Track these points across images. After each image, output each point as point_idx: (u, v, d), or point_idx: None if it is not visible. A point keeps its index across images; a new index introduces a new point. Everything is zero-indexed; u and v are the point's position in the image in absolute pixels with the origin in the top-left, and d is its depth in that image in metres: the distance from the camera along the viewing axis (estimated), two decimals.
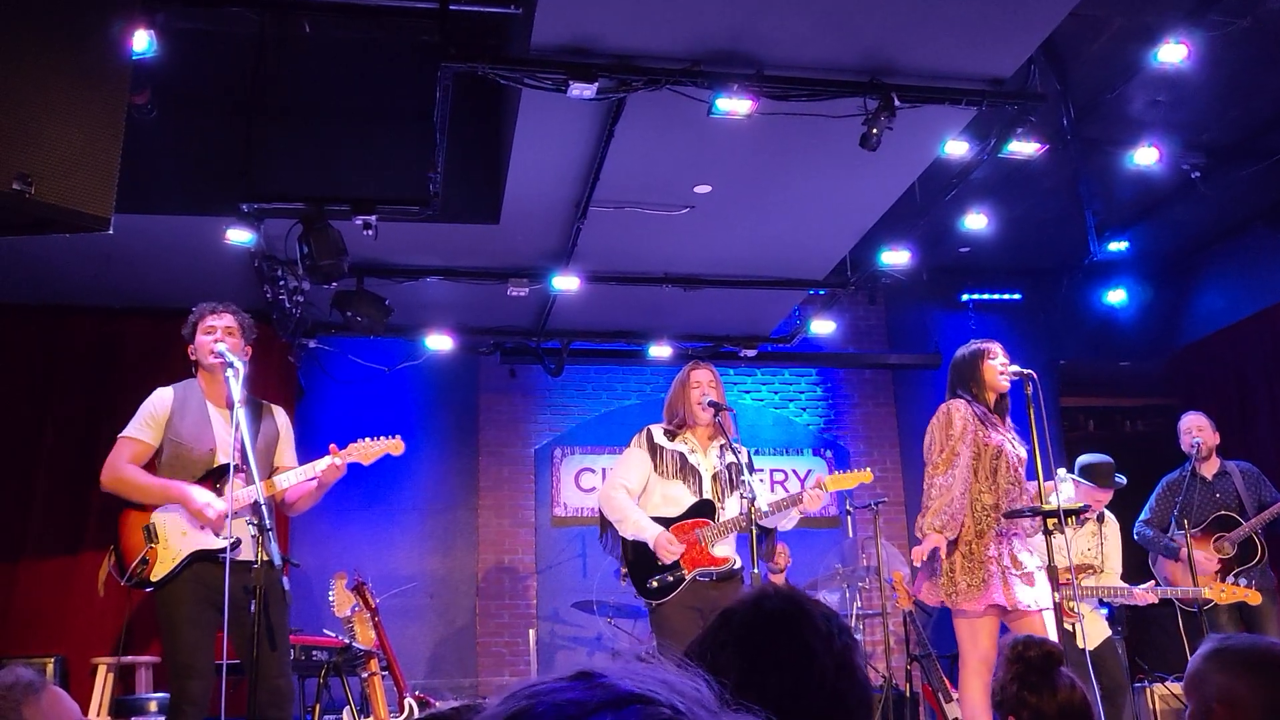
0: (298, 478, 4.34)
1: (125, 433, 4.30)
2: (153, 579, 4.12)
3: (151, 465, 4.34)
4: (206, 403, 4.33)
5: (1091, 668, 4.24)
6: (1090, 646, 5.47)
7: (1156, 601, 5.77)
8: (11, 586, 6.78)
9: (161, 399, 4.34)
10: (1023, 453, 4.70)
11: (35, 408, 7.12)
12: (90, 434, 6.70)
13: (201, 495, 4.14)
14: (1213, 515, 6.10)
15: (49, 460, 7.01)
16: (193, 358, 4.37)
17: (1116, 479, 5.78)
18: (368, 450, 4.49)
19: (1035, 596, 4.50)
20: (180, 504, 4.15)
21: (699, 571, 4.71)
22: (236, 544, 4.03)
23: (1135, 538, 6.34)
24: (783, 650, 1.47)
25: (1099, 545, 5.83)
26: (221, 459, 4.25)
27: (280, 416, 4.53)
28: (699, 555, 4.73)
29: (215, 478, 4.23)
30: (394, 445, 4.55)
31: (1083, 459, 5.87)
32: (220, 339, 4.25)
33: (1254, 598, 5.64)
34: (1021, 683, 2.73)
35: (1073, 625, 5.25)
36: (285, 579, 4.04)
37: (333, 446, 4.39)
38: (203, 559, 4.12)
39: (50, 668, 6.11)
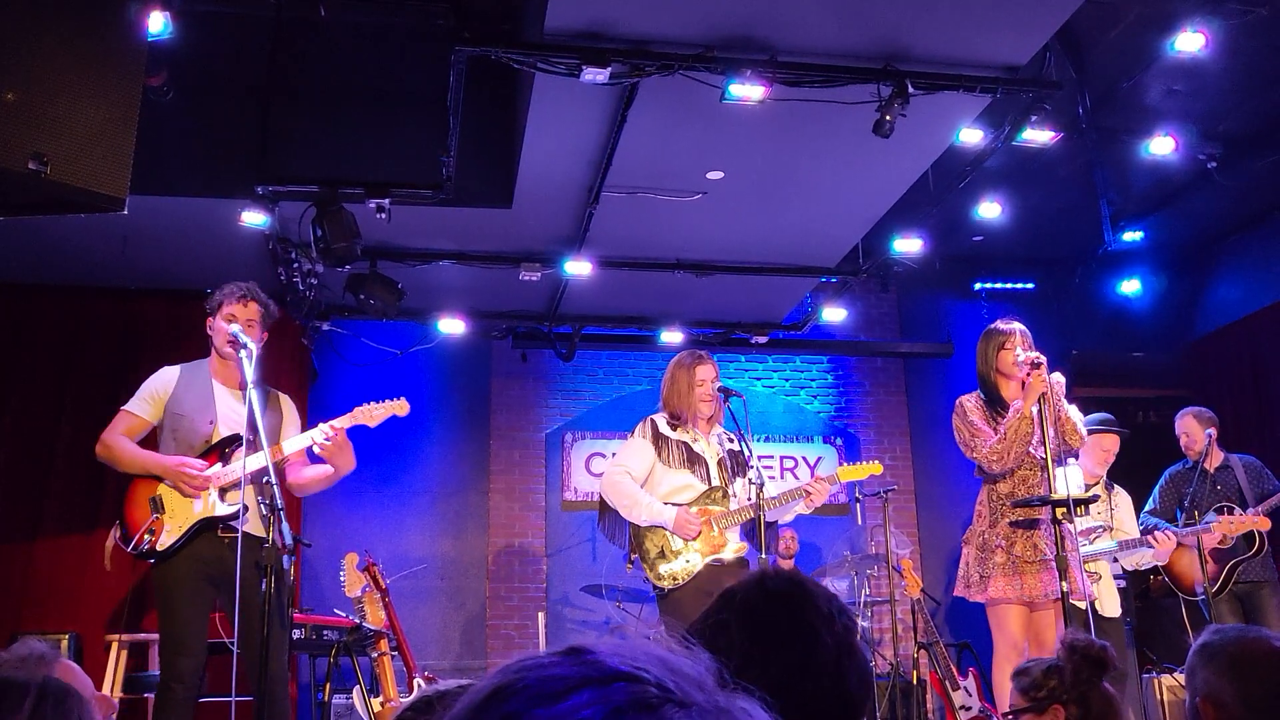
0: (308, 440, 4.36)
1: (125, 406, 4.39)
2: (159, 548, 4.16)
3: (153, 438, 4.40)
4: (213, 380, 4.40)
5: None
6: (1107, 614, 5.50)
7: (1174, 547, 5.78)
8: (28, 564, 6.85)
9: (165, 377, 4.42)
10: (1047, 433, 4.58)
11: (55, 387, 7.17)
12: (108, 414, 6.68)
13: (174, 460, 4.20)
14: (1213, 507, 6.10)
15: (67, 439, 7.05)
16: (208, 333, 4.42)
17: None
18: (372, 413, 4.49)
19: (1052, 588, 4.34)
20: (160, 475, 4.21)
21: (713, 558, 4.72)
22: (244, 510, 4.07)
23: (1140, 529, 6.33)
24: (784, 630, 1.47)
25: (1109, 513, 5.83)
26: (223, 431, 4.30)
27: (287, 406, 4.57)
28: (712, 541, 4.74)
29: (217, 451, 4.28)
30: (399, 406, 4.55)
31: (1093, 416, 5.82)
32: (241, 328, 4.28)
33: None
34: (1068, 677, 2.62)
35: (1095, 588, 5.25)
36: (288, 558, 4.04)
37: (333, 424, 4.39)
38: (206, 531, 4.16)
39: (64, 644, 6.15)
